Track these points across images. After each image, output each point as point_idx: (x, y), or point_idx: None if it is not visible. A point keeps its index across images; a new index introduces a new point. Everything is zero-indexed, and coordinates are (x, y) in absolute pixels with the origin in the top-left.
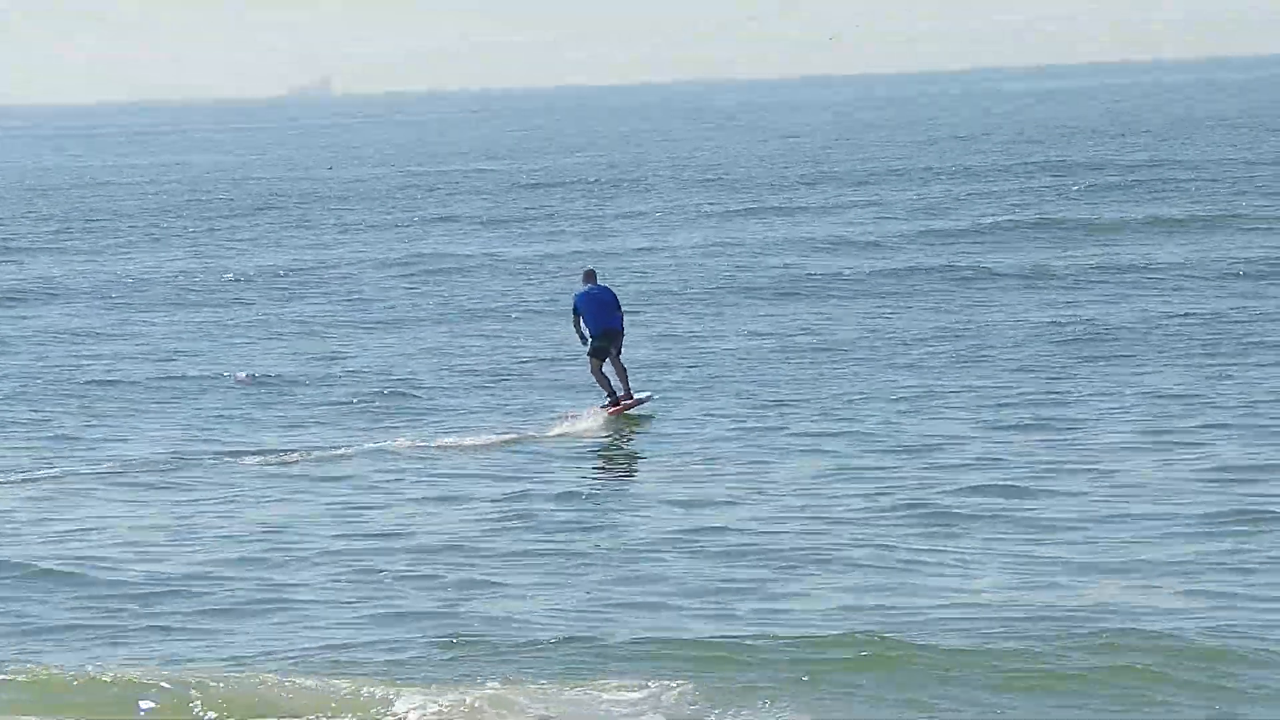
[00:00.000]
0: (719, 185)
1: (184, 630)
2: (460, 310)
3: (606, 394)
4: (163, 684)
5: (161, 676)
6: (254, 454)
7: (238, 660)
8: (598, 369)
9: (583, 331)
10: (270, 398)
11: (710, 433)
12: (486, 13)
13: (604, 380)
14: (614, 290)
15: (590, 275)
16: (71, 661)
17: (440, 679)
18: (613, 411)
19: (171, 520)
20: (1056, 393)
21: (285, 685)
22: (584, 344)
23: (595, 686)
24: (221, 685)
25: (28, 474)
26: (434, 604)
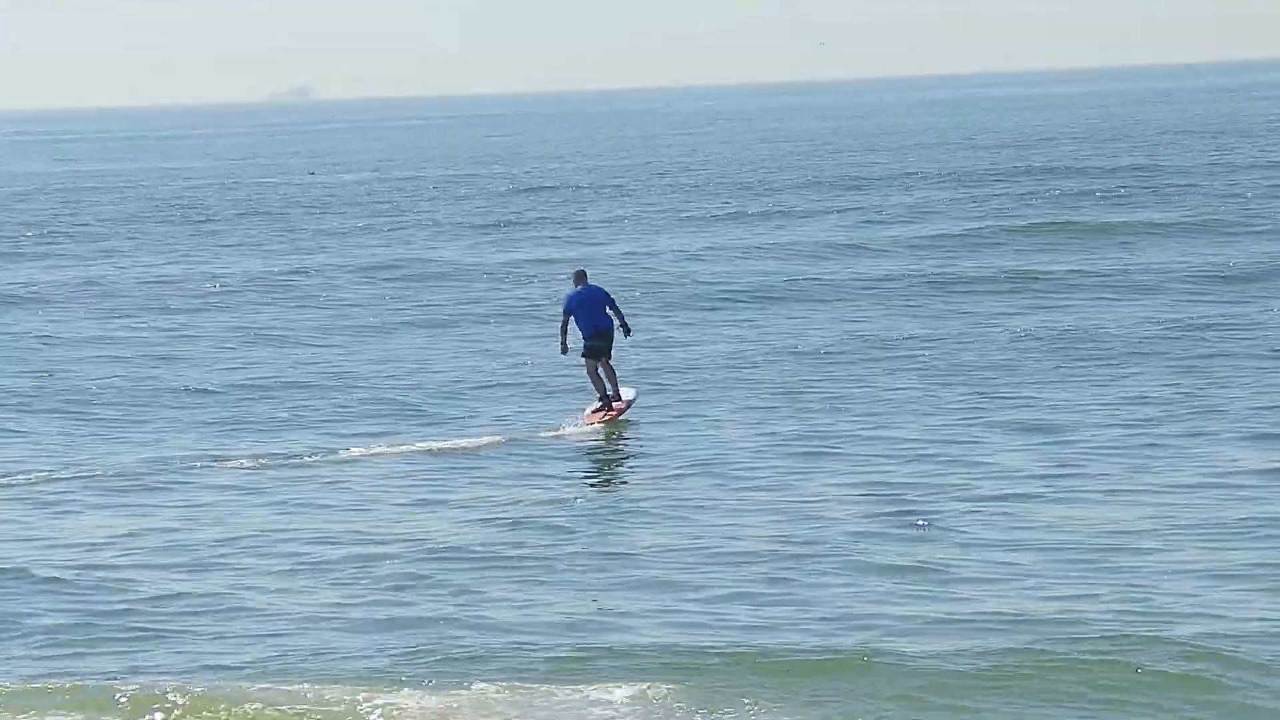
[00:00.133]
0: (702, 190)
1: (162, 638)
2: (442, 316)
3: (599, 396)
4: (139, 693)
5: (138, 685)
6: (235, 460)
7: (216, 668)
8: (592, 369)
9: (564, 336)
10: (251, 404)
11: (693, 438)
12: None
13: (598, 381)
14: (606, 289)
15: (580, 276)
16: (49, 669)
17: (423, 684)
18: (603, 419)
19: (150, 526)
20: (1041, 399)
21: (265, 692)
22: (563, 351)
23: (579, 691)
24: (199, 693)
25: (7, 480)
26: (417, 610)
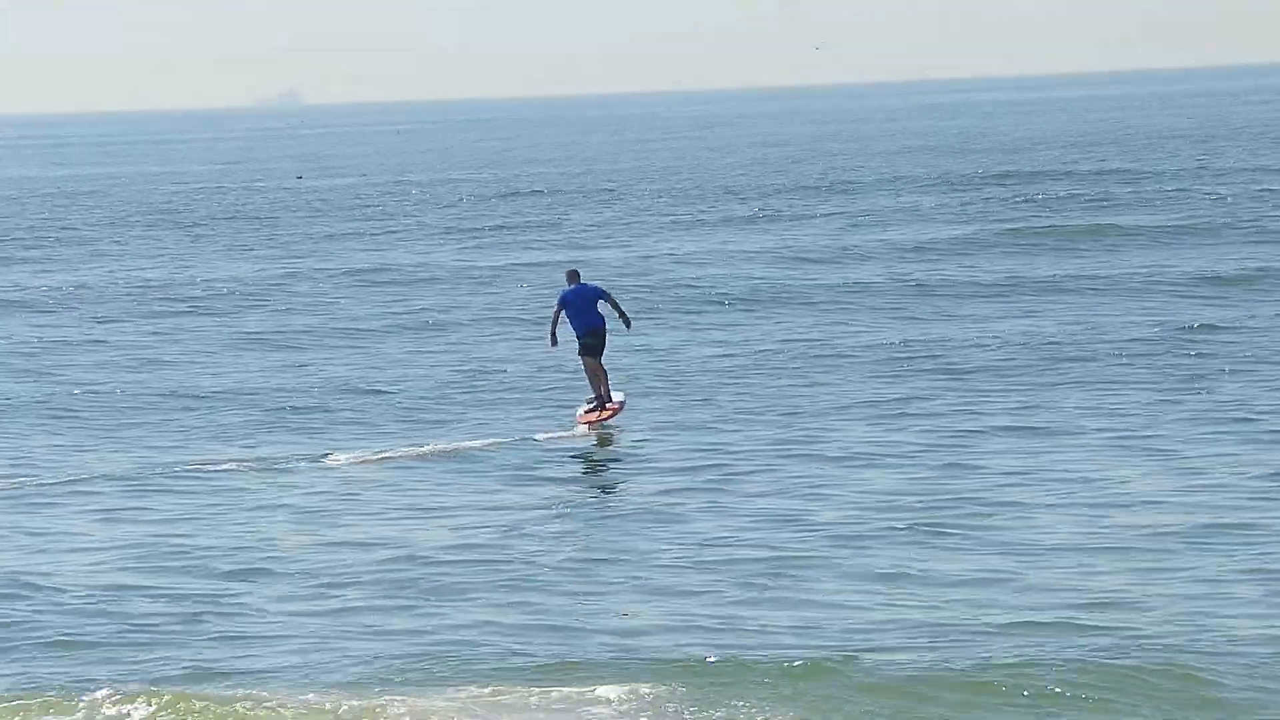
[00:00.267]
0: (689, 196)
1: (146, 645)
2: (428, 319)
3: (594, 394)
4: (122, 700)
5: (121, 692)
6: (221, 465)
7: (198, 675)
8: (590, 368)
9: (554, 327)
10: (238, 409)
11: (681, 442)
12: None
13: (593, 379)
14: (600, 287)
15: (573, 275)
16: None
17: (412, 690)
18: (598, 418)
19: (136, 532)
20: (1030, 403)
21: (252, 700)
22: (552, 343)
23: (569, 694)
24: (182, 703)
25: None
26: (405, 614)
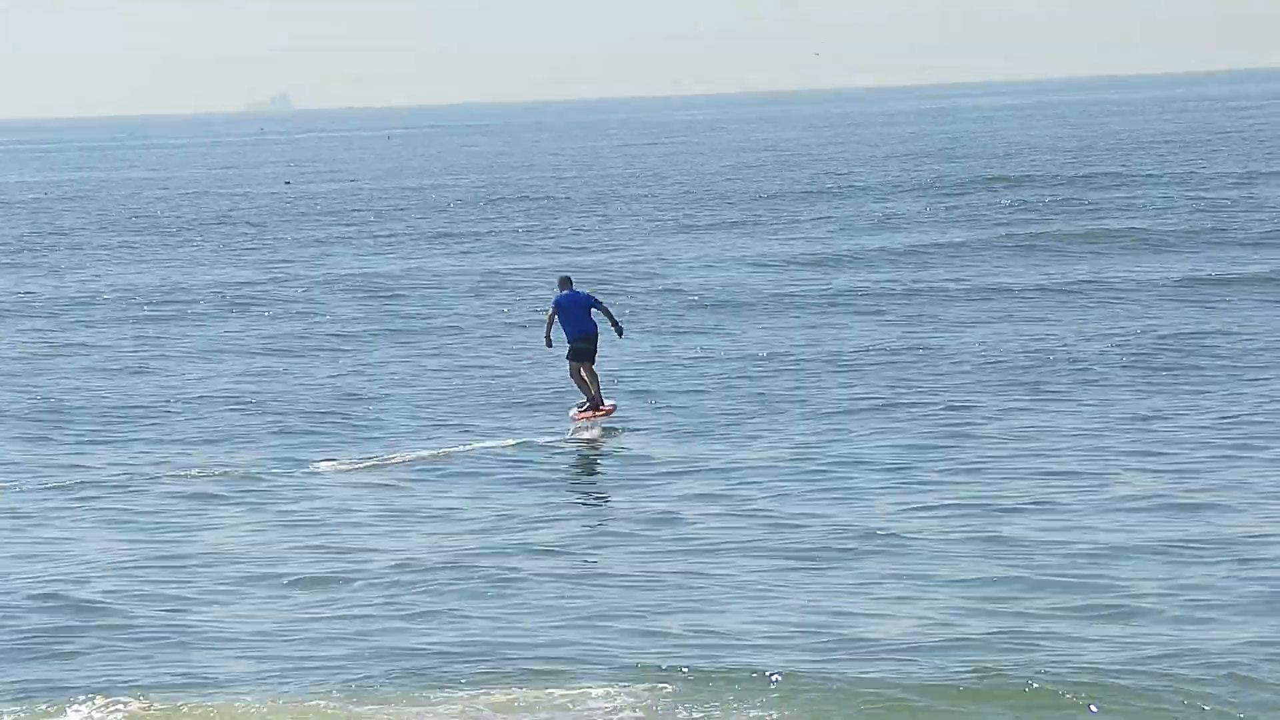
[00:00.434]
0: (679, 200)
1: (131, 652)
2: (415, 326)
3: (586, 397)
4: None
5: (104, 700)
6: (206, 473)
7: (188, 684)
8: (575, 371)
9: (549, 329)
10: (223, 416)
11: (668, 447)
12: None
13: (581, 383)
14: (592, 295)
15: (565, 282)
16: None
17: (400, 696)
18: (592, 416)
19: (120, 539)
20: (1015, 409)
21: (239, 707)
22: (547, 345)
23: (554, 700)
24: (172, 711)
25: None
26: (393, 622)
